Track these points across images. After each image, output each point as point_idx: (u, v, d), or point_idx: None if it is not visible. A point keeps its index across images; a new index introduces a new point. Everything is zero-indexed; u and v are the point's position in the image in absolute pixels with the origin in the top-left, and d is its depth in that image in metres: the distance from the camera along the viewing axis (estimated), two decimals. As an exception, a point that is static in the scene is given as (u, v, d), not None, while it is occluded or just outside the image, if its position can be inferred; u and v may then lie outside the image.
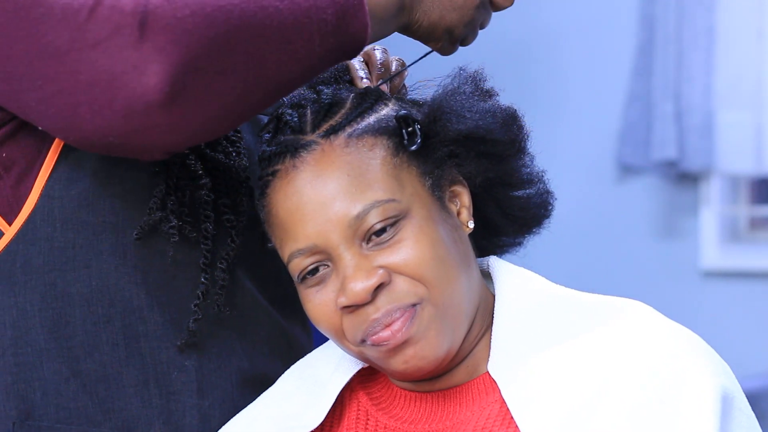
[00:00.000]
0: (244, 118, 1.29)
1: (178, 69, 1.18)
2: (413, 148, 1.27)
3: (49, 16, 1.20)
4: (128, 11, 1.18)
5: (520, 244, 1.41)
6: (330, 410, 1.33)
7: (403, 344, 1.25)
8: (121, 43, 1.18)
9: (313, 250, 1.25)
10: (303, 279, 1.27)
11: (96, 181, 1.34)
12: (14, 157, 1.33)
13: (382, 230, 1.25)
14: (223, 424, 1.39)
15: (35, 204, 1.33)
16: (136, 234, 1.34)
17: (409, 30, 1.36)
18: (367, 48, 1.39)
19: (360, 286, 1.23)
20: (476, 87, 1.32)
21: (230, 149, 1.41)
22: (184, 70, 1.18)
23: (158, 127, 1.20)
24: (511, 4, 1.39)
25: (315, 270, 1.27)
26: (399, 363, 1.26)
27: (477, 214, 1.33)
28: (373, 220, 1.24)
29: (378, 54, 1.39)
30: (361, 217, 1.24)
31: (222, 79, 1.21)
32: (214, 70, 1.20)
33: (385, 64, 1.38)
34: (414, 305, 1.25)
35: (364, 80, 1.36)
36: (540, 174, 1.37)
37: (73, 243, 1.34)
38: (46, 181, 1.33)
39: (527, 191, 1.36)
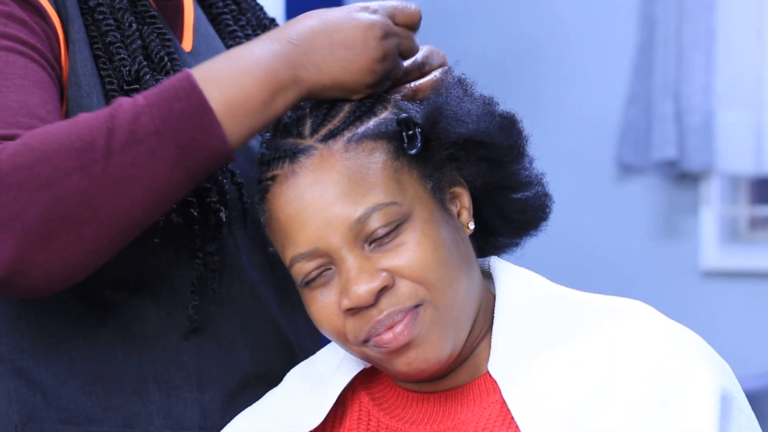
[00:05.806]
0: (110, 253, 1.26)
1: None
2: (413, 151, 1.26)
3: None
4: None
5: (517, 244, 1.41)
6: (332, 410, 1.33)
7: (406, 346, 1.25)
8: None
9: (314, 254, 1.25)
10: (306, 284, 1.27)
11: None
12: None
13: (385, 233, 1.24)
14: (225, 417, 1.40)
15: None
16: None
17: (316, 97, 1.29)
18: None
19: (363, 288, 1.23)
20: (464, 91, 1.31)
21: None
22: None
23: (15, 288, 1.22)
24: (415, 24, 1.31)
25: (318, 276, 1.26)
26: (402, 365, 1.26)
27: (475, 216, 1.33)
28: (376, 224, 1.24)
29: (436, 55, 1.35)
30: (362, 220, 1.24)
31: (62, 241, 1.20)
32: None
33: (431, 64, 1.35)
34: (416, 307, 1.24)
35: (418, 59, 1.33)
36: (539, 176, 1.37)
37: None
38: None
39: (526, 194, 1.36)
